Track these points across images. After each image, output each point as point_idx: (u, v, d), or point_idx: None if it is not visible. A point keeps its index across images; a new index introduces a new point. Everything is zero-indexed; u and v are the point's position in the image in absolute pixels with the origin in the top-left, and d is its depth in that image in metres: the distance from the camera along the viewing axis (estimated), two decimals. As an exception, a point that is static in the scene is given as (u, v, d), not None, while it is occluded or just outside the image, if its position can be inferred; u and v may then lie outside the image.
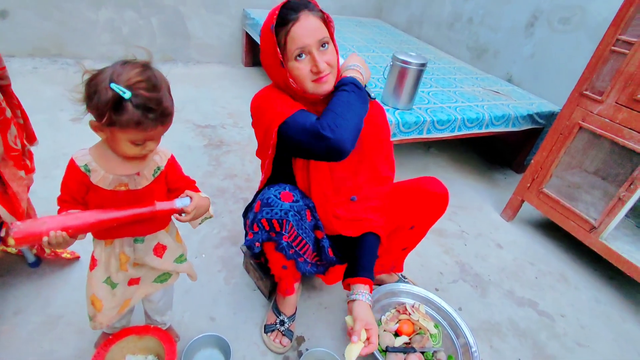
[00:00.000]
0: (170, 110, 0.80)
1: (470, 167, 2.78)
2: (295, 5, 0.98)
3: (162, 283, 1.08)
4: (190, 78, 3.20)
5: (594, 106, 1.79)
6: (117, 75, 0.74)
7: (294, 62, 0.99)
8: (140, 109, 0.74)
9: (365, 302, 1.10)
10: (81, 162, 0.84)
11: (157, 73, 0.79)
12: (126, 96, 0.72)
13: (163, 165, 0.93)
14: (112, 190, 0.87)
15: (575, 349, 1.56)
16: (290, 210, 1.03)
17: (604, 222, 1.79)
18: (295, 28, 0.96)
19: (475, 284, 1.78)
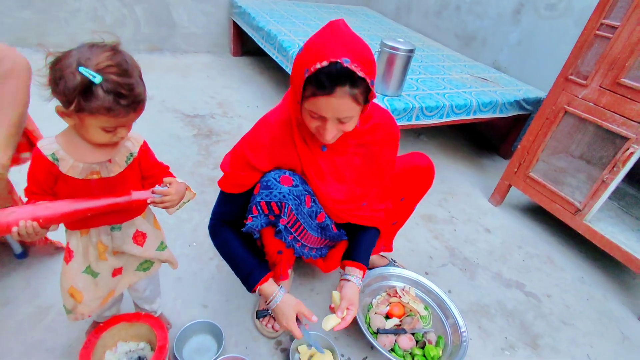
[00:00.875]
0: (143, 97, 0.77)
1: (459, 154, 2.80)
2: (337, 74, 0.82)
3: (145, 272, 1.07)
4: (178, 68, 3.15)
5: (578, 90, 1.81)
6: (86, 59, 0.70)
7: (308, 114, 0.92)
8: (112, 94, 0.71)
9: (357, 285, 1.17)
10: (47, 150, 0.80)
11: (127, 57, 0.76)
12: (96, 81, 0.69)
13: (136, 152, 0.91)
14: (84, 179, 0.84)
15: (560, 327, 1.61)
16: (289, 193, 1.02)
17: (588, 205, 1.83)
18: (322, 100, 0.86)
19: (464, 267, 1.81)
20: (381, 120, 1.12)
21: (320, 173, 1.09)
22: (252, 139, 1.04)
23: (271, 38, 2.65)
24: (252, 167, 1.04)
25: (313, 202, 1.09)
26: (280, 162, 1.06)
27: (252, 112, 2.72)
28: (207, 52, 3.56)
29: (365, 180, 1.16)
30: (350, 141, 1.08)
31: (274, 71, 3.40)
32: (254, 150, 1.03)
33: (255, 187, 1.07)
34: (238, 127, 2.50)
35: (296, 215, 1.05)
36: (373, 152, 1.12)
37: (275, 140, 1.03)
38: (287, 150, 1.05)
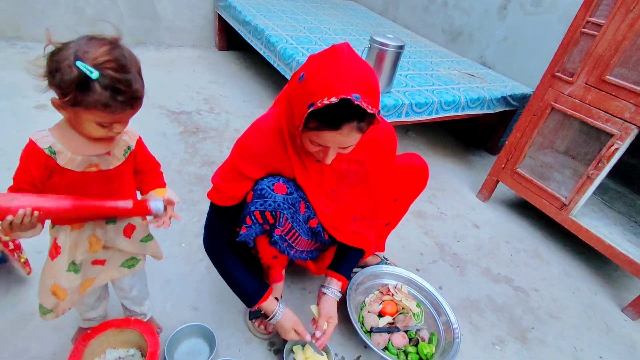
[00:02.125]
0: (141, 93, 0.76)
1: (447, 150, 2.82)
2: (346, 113, 0.79)
3: (129, 268, 1.04)
4: (163, 62, 3.08)
5: (565, 87, 1.84)
6: (83, 52, 0.68)
7: (308, 141, 0.88)
8: (109, 90, 0.70)
9: (334, 298, 1.21)
10: (44, 143, 0.78)
11: (126, 52, 0.74)
12: (93, 76, 0.67)
13: (133, 145, 0.91)
14: (82, 172, 0.82)
15: (548, 320, 1.64)
16: (284, 202, 0.99)
17: (573, 200, 1.87)
18: (327, 135, 0.83)
19: (454, 263, 1.83)
20: (380, 134, 1.08)
21: (310, 185, 1.07)
22: (243, 147, 1.00)
23: (258, 33, 2.61)
24: (244, 176, 1.01)
25: (307, 207, 1.07)
26: (271, 170, 1.04)
27: (240, 108, 2.68)
28: (192, 47, 3.48)
29: (355, 196, 1.14)
30: (344, 156, 1.04)
31: (261, 66, 3.35)
32: (244, 158, 1.00)
33: (247, 195, 1.04)
34: (225, 124, 2.46)
35: (291, 223, 1.03)
36: (367, 169, 1.10)
37: (266, 149, 1.00)
38: (279, 159, 1.02)
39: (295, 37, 2.54)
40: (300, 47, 2.38)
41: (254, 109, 2.70)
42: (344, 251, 1.26)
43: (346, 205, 1.14)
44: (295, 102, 0.86)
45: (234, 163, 1.01)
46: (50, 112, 2.30)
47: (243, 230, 1.04)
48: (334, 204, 1.12)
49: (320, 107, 0.78)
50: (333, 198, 1.11)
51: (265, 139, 1.00)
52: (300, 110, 0.84)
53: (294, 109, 0.88)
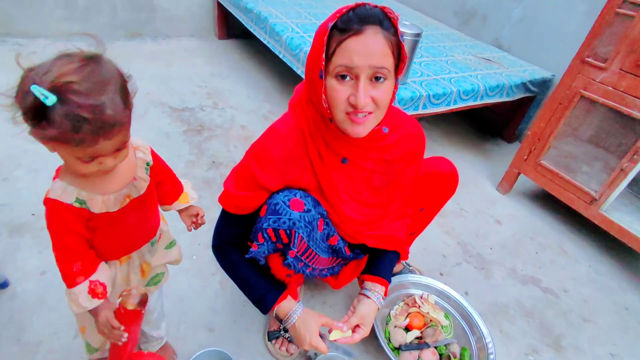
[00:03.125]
0: (116, 120, 0.61)
1: (462, 139, 2.70)
2: (367, 14, 0.74)
3: (156, 285, 0.98)
4: (161, 55, 2.93)
5: (596, 74, 1.70)
6: (44, 73, 0.57)
7: (334, 79, 0.78)
8: (70, 119, 0.56)
9: (376, 304, 1.06)
10: (68, 197, 0.69)
11: (104, 69, 0.61)
12: (48, 102, 0.55)
13: (150, 159, 0.82)
14: (119, 209, 0.75)
15: (581, 325, 1.55)
16: (300, 220, 0.89)
17: (604, 194, 1.76)
18: (351, 41, 0.74)
19: (478, 264, 1.73)
20: (409, 131, 0.99)
21: (336, 190, 0.96)
22: (261, 153, 0.90)
23: (261, 21, 2.45)
24: (260, 186, 0.91)
25: (326, 224, 0.97)
26: (292, 179, 0.93)
27: (245, 103, 2.55)
28: (190, 36, 3.32)
29: (384, 199, 1.04)
30: (372, 154, 0.95)
31: (264, 55, 3.20)
32: (262, 166, 0.90)
33: (261, 208, 0.94)
34: (231, 120, 2.34)
35: (307, 242, 0.93)
36: (395, 170, 1.00)
37: (287, 154, 0.90)
38: (300, 166, 0.92)
39: (301, 24, 2.39)
40: (307, 36, 2.24)
41: (259, 104, 2.57)
42: (378, 255, 1.13)
43: (377, 208, 1.04)
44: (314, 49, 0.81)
45: (251, 170, 0.91)
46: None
47: (254, 248, 0.94)
48: (365, 208, 1.02)
49: (342, 16, 0.76)
50: (362, 201, 1.01)
51: (286, 143, 0.90)
52: (319, 47, 0.78)
53: (312, 61, 0.82)
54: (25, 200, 1.55)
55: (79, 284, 0.73)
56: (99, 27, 2.90)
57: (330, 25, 0.76)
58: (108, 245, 0.80)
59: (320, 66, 0.78)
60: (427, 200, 1.24)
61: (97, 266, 0.77)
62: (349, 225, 1.01)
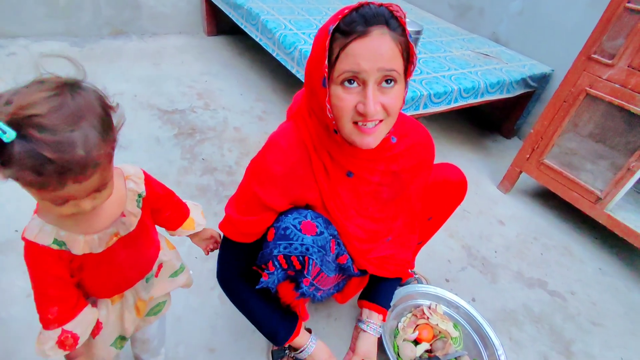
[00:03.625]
0: (89, 160, 0.52)
1: (461, 136, 2.65)
2: (372, 14, 0.68)
3: (156, 315, 0.90)
4: (148, 54, 2.81)
5: (603, 71, 1.65)
6: (5, 102, 0.49)
7: (340, 87, 0.71)
8: (30, 159, 0.48)
9: (374, 336, 1.09)
10: (46, 239, 0.61)
11: (81, 98, 0.53)
12: (5, 138, 0.46)
13: (143, 191, 0.74)
14: (105, 249, 0.68)
15: (591, 329, 1.52)
16: (313, 245, 0.82)
17: (610, 193, 1.72)
18: (356, 44, 0.67)
19: (484, 269, 1.69)
20: (418, 140, 0.93)
21: (342, 206, 0.90)
22: (262, 171, 0.83)
23: (253, 17, 2.36)
24: (264, 206, 0.84)
25: (337, 244, 0.91)
26: (296, 196, 0.86)
27: (237, 103, 2.46)
28: (178, 34, 3.20)
29: (390, 213, 0.98)
30: (379, 166, 0.88)
31: (255, 51, 3.10)
32: (264, 185, 0.82)
33: (268, 232, 0.87)
34: (223, 122, 2.25)
35: (320, 267, 0.86)
36: (403, 181, 0.94)
37: (289, 170, 0.83)
38: (304, 182, 0.85)
39: (294, 21, 2.30)
40: (301, 33, 2.15)
41: (252, 103, 2.48)
42: (379, 278, 1.10)
43: (381, 223, 0.99)
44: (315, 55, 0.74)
45: (252, 191, 0.84)
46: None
47: (264, 277, 0.87)
48: (369, 224, 0.96)
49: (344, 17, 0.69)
50: (367, 216, 0.95)
51: (288, 158, 0.83)
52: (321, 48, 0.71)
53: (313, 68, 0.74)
54: (8, 215, 1.46)
55: (51, 330, 0.67)
56: (82, 25, 2.77)
57: (332, 28, 0.69)
58: (96, 285, 0.73)
59: (322, 73, 0.71)
60: (435, 209, 1.19)
61: (78, 312, 0.69)
62: (353, 245, 0.95)
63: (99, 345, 0.76)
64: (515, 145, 2.65)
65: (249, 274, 0.96)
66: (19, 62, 2.40)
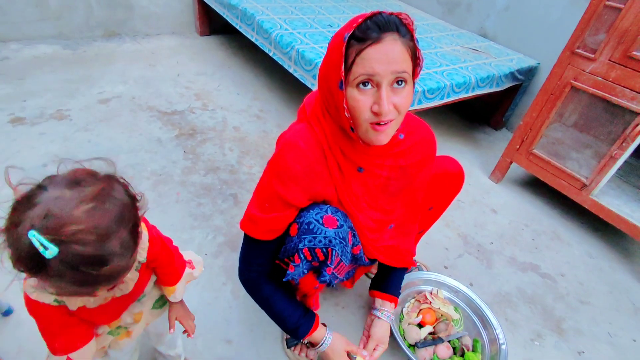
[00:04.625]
0: (121, 269, 0.56)
1: (452, 130, 2.74)
2: (384, 22, 0.75)
3: (161, 308, 0.95)
4: (143, 55, 2.83)
5: (586, 64, 1.75)
6: (45, 214, 0.49)
7: (355, 89, 0.78)
8: (70, 272, 0.50)
9: (388, 322, 1.19)
10: (45, 298, 0.65)
11: (115, 205, 0.54)
12: (47, 254, 0.48)
13: (144, 258, 0.75)
14: (100, 305, 0.72)
15: (579, 307, 1.63)
16: (335, 237, 0.89)
17: (595, 180, 1.83)
18: (371, 50, 0.74)
19: (480, 255, 1.78)
20: (423, 136, 1.02)
21: (355, 199, 0.98)
22: (283, 171, 0.89)
23: (248, 18, 2.39)
24: (286, 204, 0.90)
25: (353, 236, 0.99)
26: (315, 192, 0.93)
27: (234, 102, 2.50)
28: (171, 34, 3.21)
29: (395, 204, 1.07)
30: (387, 161, 0.96)
31: (248, 51, 3.14)
32: (286, 184, 0.89)
33: (291, 227, 0.93)
34: (222, 122, 2.29)
35: (340, 257, 0.94)
36: (409, 175, 1.02)
37: (308, 169, 0.89)
38: (321, 179, 0.92)
39: (289, 20, 2.35)
40: (297, 32, 2.20)
41: (249, 102, 2.53)
42: (388, 270, 1.21)
43: (389, 215, 1.07)
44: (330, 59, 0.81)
45: (274, 189, 0.90)
46: (29, 125, 2.08)
47: (291, 270, 0.94)
48: (378, 215, 1.05)
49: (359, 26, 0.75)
50: (377, 208, 1.04)
51: (307, 158, 0.89)
52: (338, 54, 0.77)
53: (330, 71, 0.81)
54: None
55: (58, 356, 0.72)
56: (73, 28, 2.76)
57: (348, 35, 0.76)
58: (93, 321, 0.77)
59: (339, 77, 0.78)
60: (435, 199, 1.27)
61: (84, 344, 0.73)
62: (365, 235, 1.03)
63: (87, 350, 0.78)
64: (504, 137, 2.76)
65: (276, 274, 1.04)
66: (12, 66, 2.39)
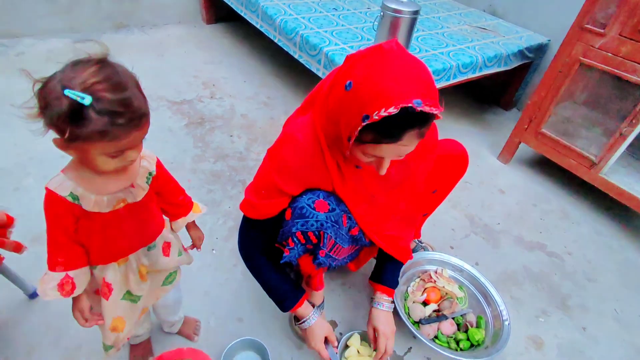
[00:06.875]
0: (144, 110, 0.68)
1: (461, 111, 2.71)
2: (410, 121, 0.71)
3: (171, 284, 1.03)
4: (150, 45, 2.86)
5: (595, 40, 1.71)
6: (69, 79, 0.61)
7: (360, 153, 0.81)
8: (106, 115, 0.61)
9: (388, 311, 1.18)
10: (63, 191, 0.72)
11: (119, 68, 0.66)
12: (86, 102, 0.59)
13: (154, 170, 0.85)
14: (112, 211, 0.78)
15: (586, 285, 1.64)
16: (327, 221, 0.93)
17: (604, 158, 1.81)
18: (384, 147, 0.76)
19: (486, 235, 1.80)
20: None
21: (353, 194, 1.00)
22: (280, 163, 0.92)
23: (252, 4, 2.40)
24: (281, 192, 0.94)
25: (348, 219, 1.01)
26: (310, 184, 0.96)
27: (241, 90, 2.52)
28: (178, 23, 3.23)
29: (395, 197, 1.08)
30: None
31: (254, 38, 3.14)
32: (282, 174, 0.92)
33: (286, 211, 0.97)
34: (230, 110, 2.33)
35: (334, 239, 0.97)
36: (409, 167, 1.03)
37: (304, 162, 0.92)
38: (317, 173, 0.94)
39: (292, 5, 2.34)
40: (301, 17, 2.20)
41: (256, 89, 2.55)
42: (386, 257, 1.21)
43: (385, 208, 1.08)
44: (344, 113, 0.77)
45: (271, 179, 0.93)
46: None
47: (286, 253, 0.98)
48: (374, 209, 1.06)
49: (383, 121, 0.70)
50: (373, 203, 1.05)
51: (304, 152, 0.92)
52: (351, 122, 0.75)
53: (341, 120, 0.79)
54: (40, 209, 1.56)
55: (56, 272, 0.77)
56: (83, 21, 2.81)
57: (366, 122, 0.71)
58: (104, 248, 0.84)
59: (348, 135, 0.78)
60: (438, 182, 1.28)
61: (82, 265, 0.80)
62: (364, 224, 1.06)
63: (111, 304, 0.87)
64: (514, 117, 2.72)
65: (270, 251, 1.07)
66: (28, 60, 2.46)
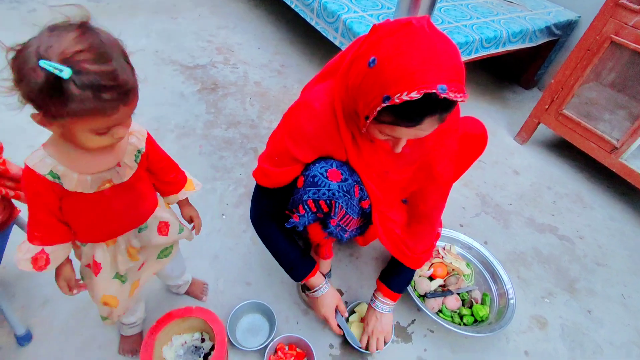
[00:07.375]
0: (132, 84, 0.60)
1: (480, 88, 2.63)
2: (431, 105, 0.68)
3: (167, 257, 1.02)
4: (164, 7, 2.80)
5: (629, 17, 1.62)
6: (45, 48, 0.53)
7: (376, 129, 0.78)
8: (89, 89, 0.54)
9: (387, 313, 1.17)
10: (43, 168, 0.66)
11: (103, 35, 0.58)
12: (65, 75, 0.51)
13: (143, 147, 0.79)
14: (96, 192, 0.72)
15: (595, 269, 1.63)
16: (339, 190, 0.92)
17: (626, 143, 1.75)
18: (403, 130, 0.74)
19: (497, 215, 1.78)
20: None
21: (365, 166, 0.98)
22: (295, 130, 0.90)
23: (269, -33, 2.31)
24: (295, 159, 0.92)
25: (360, 189, 0.99)
26: (324, 152, 0.95)
27: (255, 57, 2.47)
28: (192, -15, 3.14)
29: (408, 175, 1.04)
30: None
31: (270, 3, 3.05)
32: (296, 141, 0.90)
33: (298, 179, 0.96)
34: (244, 76, 2.29)
35: (345, 209, 0.96)
36: (426, 146, 0.97)
37: (319, 130, 0.90)
38: (332, 141, 0.92)
39: (311, -31, 2.25)
40: (320, -18, 2.11)
41: (270, 57, 2.50)
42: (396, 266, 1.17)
43: (397, 185, 1.06)
44: (365, 90, 0.74)
45: (285, 145, 0.92)
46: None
47: (295, 219, 0.98)
48: (385, 184, 1.04)
49: (404, 104, 0.67)
50: (385, 178, 1.03)
51: (319, 120, 0.89)
52: (371, 101, 0.72)
53: (361, 97, 0.76)
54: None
55: (33, 244, 0.73)
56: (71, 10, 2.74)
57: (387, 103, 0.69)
58: (93, 229, 0.80)
59: (365, 114, 0.75)
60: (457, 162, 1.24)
61: (59, 242, 0.76)
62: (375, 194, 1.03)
63: (102, 282, 0.86)
64: (534, 97, 2.64)
65: (281, 217, 1.07)
66: (40, 17, 2.43)
